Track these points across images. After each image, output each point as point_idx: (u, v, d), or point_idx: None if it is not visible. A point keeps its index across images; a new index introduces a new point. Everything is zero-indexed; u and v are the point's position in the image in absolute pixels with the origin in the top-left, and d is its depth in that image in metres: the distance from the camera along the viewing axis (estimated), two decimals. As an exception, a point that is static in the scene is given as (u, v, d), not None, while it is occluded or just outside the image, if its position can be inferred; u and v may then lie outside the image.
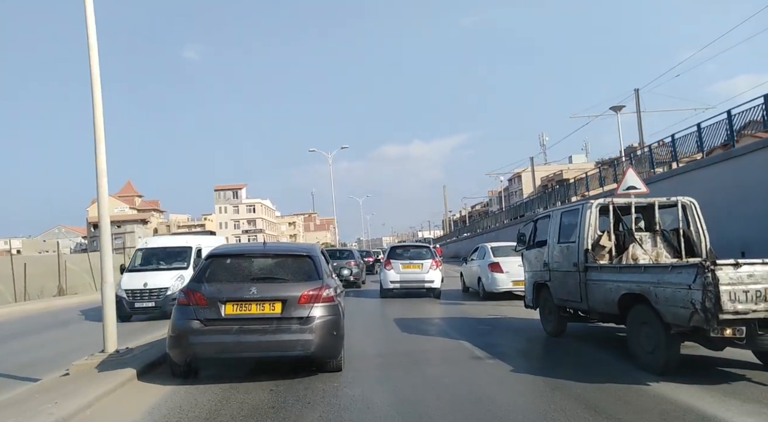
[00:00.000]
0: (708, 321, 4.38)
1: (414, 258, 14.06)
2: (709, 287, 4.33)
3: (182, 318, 5.37)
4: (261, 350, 5.27)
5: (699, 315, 4.44)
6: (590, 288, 6.53)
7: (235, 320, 5.30)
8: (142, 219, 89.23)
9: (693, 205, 7.04)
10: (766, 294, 4.38)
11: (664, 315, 4.94)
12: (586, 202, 7.00)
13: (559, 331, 7.76)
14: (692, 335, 4.93)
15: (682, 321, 4.68)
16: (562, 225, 7.55)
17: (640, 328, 5.50)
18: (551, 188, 56.26)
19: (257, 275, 5.67)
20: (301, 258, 5.94)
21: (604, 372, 5.45)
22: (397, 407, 4.51)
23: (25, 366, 6.89)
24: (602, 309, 6.32)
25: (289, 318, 5.32)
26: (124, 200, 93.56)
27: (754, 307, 4.37)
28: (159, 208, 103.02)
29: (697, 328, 4.58)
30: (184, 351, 5.35)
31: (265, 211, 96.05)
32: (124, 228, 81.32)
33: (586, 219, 6.79)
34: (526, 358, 6.61)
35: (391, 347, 7.63)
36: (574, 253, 6.92)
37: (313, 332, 5.31)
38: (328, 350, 5.51)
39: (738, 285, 4.35)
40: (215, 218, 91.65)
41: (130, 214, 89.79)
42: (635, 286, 5.46)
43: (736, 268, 4.38)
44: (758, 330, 4.49)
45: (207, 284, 5.50)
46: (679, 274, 4.78)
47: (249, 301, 5.35)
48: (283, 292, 5.44)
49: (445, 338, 8.04)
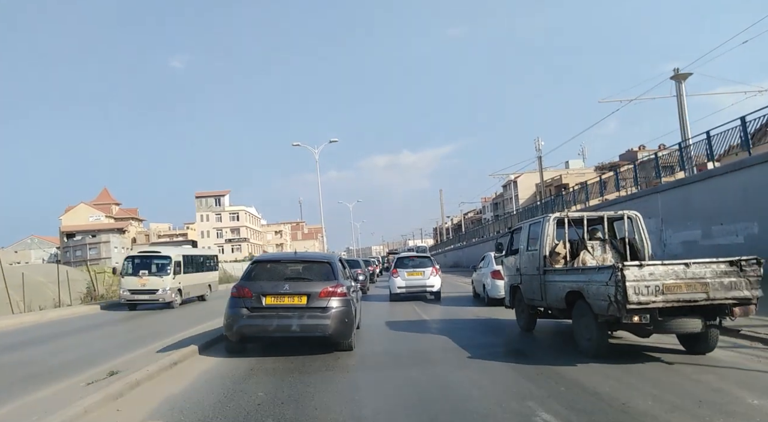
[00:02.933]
0: (620, 310, 6.23)
1: (417, 267, 17.47)
2: (619, 283, 6.20)
3: (234, 306, 7.78)
4: (292, 331, 7.52)
5: (613, 306, 6.31)
6: (547, 288, 8.41)
7: (273, 308, 7.63)
8: (119, 229, 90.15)
9: (638, 217, 8.95)
10: (664, 289, 6.25)
11: (593, 307, 6.80)
12: (546, 216, 8.91)
13: (530, 327, 9.63)
14: (616, 324, 6.78)
15: (603, 311, 6.55)
16: (530, 235, 9.44)
17: (580, 319, 7.36)
18: (550, 195, 58.36)
19: (289, 275, 8.07)
20: (322, 264, 8.46)
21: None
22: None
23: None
24: (556, 305, 8.19)
25: (312, 307, 7.59)
26: (100, 208, 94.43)
27: (654, 299, 6.23)
28: (138, 217, 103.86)
29: (615, 317, 6.44)
30: (236, 331, 7.72)
31: (250, 219, 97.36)
32: (99, 237, 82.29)
33: (546, 230, 8.68)
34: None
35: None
36: (537, 259, 8.80)
37: (330, 319, 7.55)
38: (341, 333, 7.73)
39: (641, 281, 6.21)
40: (197, 226, 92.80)
41: (106, 223, 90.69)
42: (575, 285, 7.34)
43: (640, 268, 6.26)
44: (658, 316, 6.36)
45: (252, 282, 7.90)
46: (601, 273, 6.66)
47: (283, 295, 7.66)
48: (308, 288, 7.73)
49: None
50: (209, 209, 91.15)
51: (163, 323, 13.90)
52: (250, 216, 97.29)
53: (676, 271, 6.25)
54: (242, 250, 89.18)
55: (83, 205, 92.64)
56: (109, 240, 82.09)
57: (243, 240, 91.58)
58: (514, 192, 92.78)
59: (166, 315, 16.08)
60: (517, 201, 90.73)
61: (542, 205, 38.42)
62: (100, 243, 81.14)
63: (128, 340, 10.70)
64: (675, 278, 6.22)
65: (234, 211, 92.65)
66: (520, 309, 9.94)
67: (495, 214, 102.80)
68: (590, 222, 9.08)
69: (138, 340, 9.99)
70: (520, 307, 9.97)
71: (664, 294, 6.23)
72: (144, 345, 9.05)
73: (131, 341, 10.27)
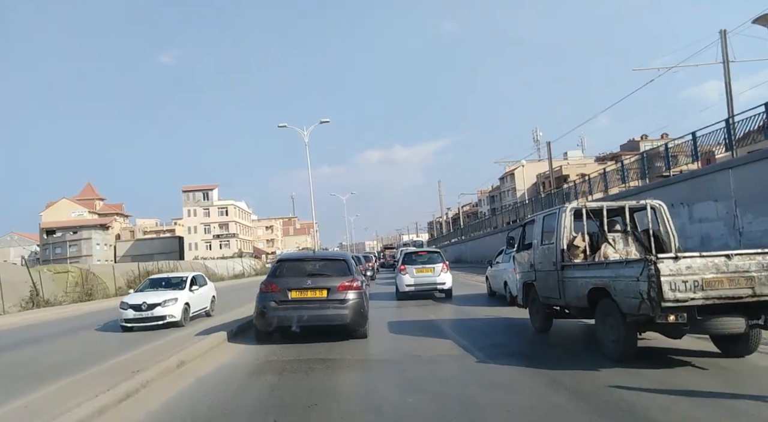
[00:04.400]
0: (653, 309, 5.74)
1: (426, 263, 16.76)
2: (652, 278, 5.70)
3: (263, 300, 9.05)
4: (314, 321, 8.81)
5: (646, 304, 5.81)
6: (566, 285, 7.92)
7: (298, 301, 8.91)
8: (103, 225, 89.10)
9: (662, 207, 8.47)
10: (703, 284, 5.76)
11: (621, 305, 6.31)
12: (562, 207, 8.41)
13: (545, 327, 9.16)
14: (647, 324, 6.30)
15: (634, 310, 6.05)
16: (544, 228, 8.95)
17: (605, 319, 6.88)
18: (550, 188, 57.57)
19: (311, 272, 9.39)
20: (339, 261, 9.84)
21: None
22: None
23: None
24: (576, 303, 7.70)
25: (332, 300, 8.91)
26: (83, 204, 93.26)
27: (692, 295, 5.74)
28: (123, 212, 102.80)
29: (647, 316, 5.95)
30: (265, 321, 8.96)
31: (239, 214, 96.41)
32: (81, 234, 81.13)
33: (562, 222, 8.18)
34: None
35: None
36: (553, 253, 8.31)
37: (347, 309, 8.86)
38: (357, 322, 9.05)
39: (677, 276, 5.72)
40: (184, 222, 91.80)
41: (89, 219, 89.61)
42: (599, 281, 6.85)
43: (676, 261, 5.76)
44: (697, 315, 5.87)
45: (278, 278, 9.23)
46: (631, 268, 6.16)
47: (306, 289, 8.98)
48: (327, 283, 9.03)
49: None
50: (197, 204, 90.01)
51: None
52: (239, 211, 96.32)
53: (716, 264, 5.76)
54: (231, 246, 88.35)
55: (65, 200, 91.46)
56: (91, 236, 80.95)
57: (232, 236, 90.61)
58: (512, 184, 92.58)
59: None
60: (515, 193, 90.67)
61: (555, 194, 36.47)
62: (81, 240, 79.96)
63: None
64: (716, 272, 5.73)
65: (223, 205, 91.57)
66: (535, 308, 9.46)
67: (492, 207, 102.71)
68: (609, 213, 8.59)
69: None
70: (534, 306, 9.50)
71: (703, 290, 5.74)
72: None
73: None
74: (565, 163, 76.35)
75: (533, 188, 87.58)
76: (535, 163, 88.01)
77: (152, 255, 77.24)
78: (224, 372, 7.21)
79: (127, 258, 78.78)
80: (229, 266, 47.67)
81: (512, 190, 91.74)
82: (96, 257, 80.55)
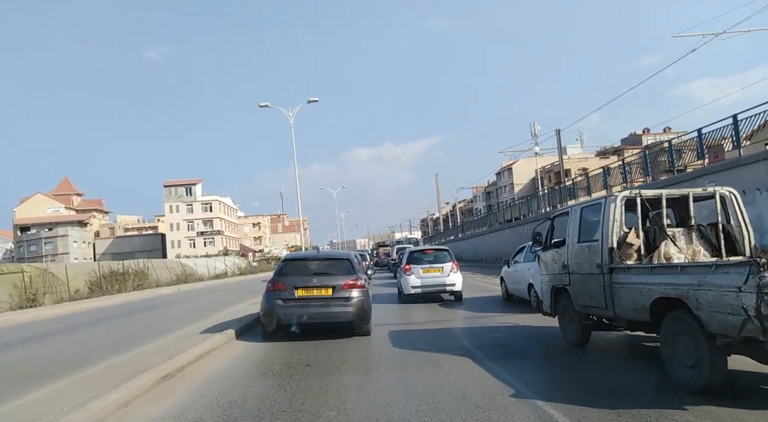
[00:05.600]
0: (765, 331, 4.32)
1: (434, 262, 15.41)
2: (765, 290, 4.27)
3: (270, 298, 9.41)
4: (320, 318, 9.26)
5: (752, 324, 4.38)
6: (616, 293, 6.49)
7: (304, 299, 9.28)
8: (80, 221, 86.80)
9: (733, 196, 7.04)
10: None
11: (708, 323, 4.87)
12: (609, 196, 6.96)
13: (582, 341, 7.74)
14: (742, 347, 4.89)
15: (731, 331, 4.62)
16: (582, 223, 7.52)
17: (677, 339, 5.45)
18: (549, 182, 56.19)
19: (316, 271, 9.77)
20: (343, 261, 10.19)
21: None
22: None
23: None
24: (631, 316, 6.28)
25: (337, 298, 9.28)
26: (60, 199, 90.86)
27: (813, 311, 4.33)
28: (102, 209, 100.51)
29: (750, 339, 4.53)
30: (272, 319, 9.32)
31: (225, 210, 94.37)
32: (56, 231, 78.81)
33: (611, 214, 6.75)
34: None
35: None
36: (597, 253, 6.88)
37: (352, 307, 9.25)
38: (361, 318, 9.42)
39: (796, 286, 4.30)
40: (165, 218, 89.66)
41: (66, 215, 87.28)
42: (671, 289, 5.41)
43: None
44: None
45: (285, 277, 9.57)
46: (725, 275, 4.72)
47: (312, 287, 9.34)
48: (332, 282, 9.42)
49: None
50: (179, 199, 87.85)
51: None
52: (224, 207, 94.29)
53: None
54: (216, 244, 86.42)
55: (40, 195, 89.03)
56: (68, 233, 78.68)
57: (217, 234, 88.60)
58: (509, 179, 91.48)
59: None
60: (512, 189, 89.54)
61: (561, 190, 34.56)
62: (57, 237, 77.74)
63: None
64: None
65: (206, 201, 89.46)
66: (568, 318, 8.04)
67: (488, 204, 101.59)
68: (662, 202, 7.13)
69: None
70: (566, 316, 8.08)
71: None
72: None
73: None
74: (565, 157, 74.89)
75: (531, 184, 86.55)
76: (532, 158, 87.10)
77: (133, 254, 75.40)
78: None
79: (107, 257, 76.79)
80: (210, 265, 45.65)
81: (510, 186, 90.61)
82: (73, 255, 78.48)
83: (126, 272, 25.80)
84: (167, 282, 32.02)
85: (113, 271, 25.55)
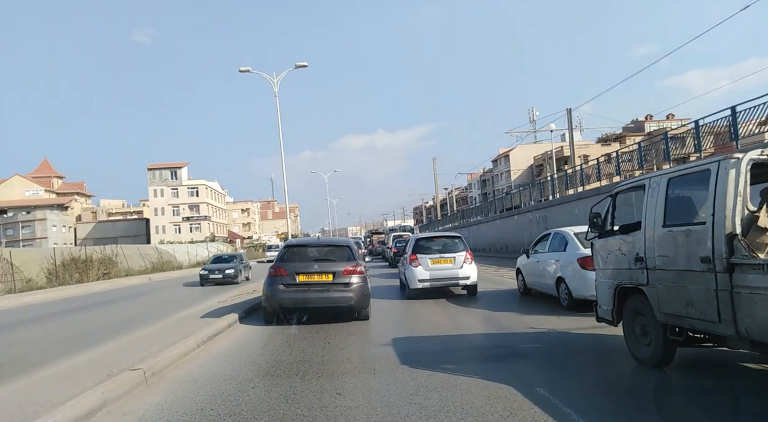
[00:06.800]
0: None
1: (444, 252, 13.50)
2: None
3: (272, 283, 9.79)
4: (320, 303, 9.62)
5: None
6: (742, 301, 4.44)
7: (305, 284, 9.66)
8: (60, 205, 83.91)
9: None
10: None
11: None
12: (723, 159, 4.85)
13: (662, 360, 5.71)
14: None
15: None
16: (670, 199, 5.47)
17: None
18: (561, 167, 53.63)
19: (317, 257, 10.08)
20: (343, 248, 10.44)
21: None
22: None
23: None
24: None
25: (337, 283, 9.66)
26: (39, 182, 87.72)
27: None
28: (84, 192, 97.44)
29: None
30: (274, 304, 9.76)
31: (212, 195, 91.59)
32: (34, 214, 75.87)
33: (729, 185, 4.66)
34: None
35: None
36: (703, 242, 4.82)
37: (352, 292, 9.63)
38: (361, 303, 9.79)
39: None
40: (150, 203, 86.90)
41: (45, 199, 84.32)
42: None
43: None
44: None
45: (286, 263, 9.91)
46: None
47: (313, 273, 9.72)
48: (333, 268, 9.79)
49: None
50: (164, 183, 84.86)
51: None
52: (212, 191, 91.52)
53: None
54: (202, 230, 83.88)
55: (17, 177, 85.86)
56: (46, 217, 75.78)
57: (203, 219, 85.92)
58: (506, 166, 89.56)
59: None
60: (509, 176, 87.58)
61: (568, 176, 31.09)
62: (35, 220, 74.82)
63: None
64: None
65: (193, 185, 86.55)
66: (640, 329, 6.00)
67: (484, 192, 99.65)
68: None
69: None
70: (638, 326, 6.04)
71: None
72: None
73: None
74: (566, 144, 72.98)
75: (529, 170, 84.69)
76: (530, 145, 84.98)
77: (116, 239, 72.84)
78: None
79: (89, 242, 74.11)
80: (191, 251, 42.98)
81: (507, 173, 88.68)
82: (53, 240, 75.71)
83: (89, 260, 23.36)
84: (140, 270, 29.62)
85: (74, 258, 23.06)
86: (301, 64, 23.31)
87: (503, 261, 26.58)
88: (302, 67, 23.31)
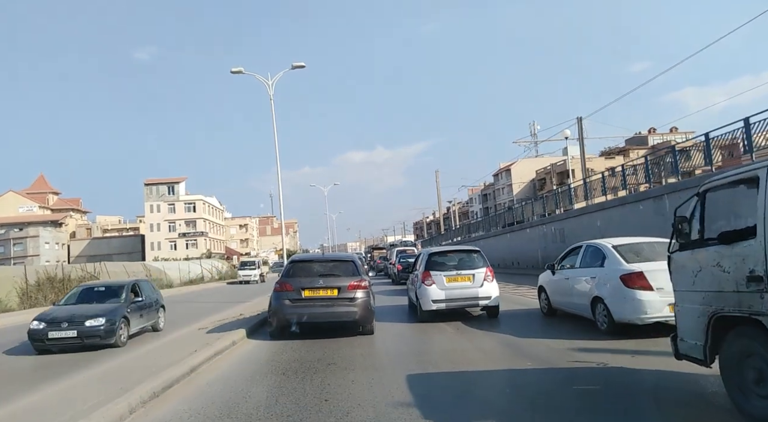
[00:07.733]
0: None
1: (461, 268, 11.99)
2: None
3: (278, 299, 10.10)
4: (325, 318, 9.94)
5: None
6: None
7: (310, 299, 9.95)
8: (54, 221, 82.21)
9: None
10: None
11: None
12: None
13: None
14: None
15: None
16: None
17: None
18: (551, 182, 52.61)
19: (322, 272, 10.38)
20: (348, 263, 10.88)
21: None
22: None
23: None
24: None
25: (342, 298, 9.95)
26: (34, 198, 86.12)
27: None
28: (80, 208, 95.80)
29: None
30: (280, 318, 10.06)
31: (210, 211, 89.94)
32: (27, 231, 74.09)
33: None
34: None
35: None
36: None
37: (356, 307, 9.89)
38: (365, 318, 10.09)
39: None
40: (146, 219, 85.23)
41: (39, 215, 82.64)
42: None
43: None
44: None
45: (292, 278, 10.23)
46: None
47: (318, 288, 10.02)
48: (338, 283, 10.08)
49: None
50: (161, 198, 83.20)
51: None
52: (209, 207, 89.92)
53: None
54: (199, 246, 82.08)
55: (12, 193, 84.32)
56: (39, 234, 74.01)
57: (200, 235, 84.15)
58: (507, 180, 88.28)
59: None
60: (510, 191, 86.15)
61: (588, 184, 30.27)
62: (27, 237, 73.04)
63: None
64: None
65: (190, 200, 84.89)
66: (754, 375, 4.36)
67: (485, 206, 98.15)
68: None
69: None
70: (751, 371, 4.40)
71: None
72: None
73: None
74: (566, 158, 71.87)
75: (531, 185, 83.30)
76: (531, 159, 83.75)
77: (111, 256, 71.17)
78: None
79: (83, 259, 72.29)
80: (183, 268, 40.95)
81: (508, 187, 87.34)
82: (45, 257, 73.88)
83: (66, 278, 21.47)
84: (126, 290, 27.65)
85: (50, 277, 21.31)
86: (297, 64, 21.86)
87: (517, 278, 24.75)
88: (299, 67, 21.87)
